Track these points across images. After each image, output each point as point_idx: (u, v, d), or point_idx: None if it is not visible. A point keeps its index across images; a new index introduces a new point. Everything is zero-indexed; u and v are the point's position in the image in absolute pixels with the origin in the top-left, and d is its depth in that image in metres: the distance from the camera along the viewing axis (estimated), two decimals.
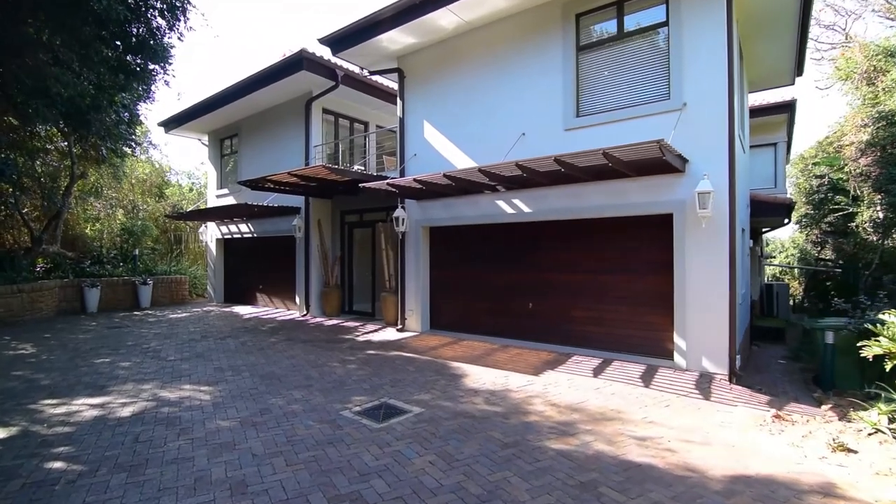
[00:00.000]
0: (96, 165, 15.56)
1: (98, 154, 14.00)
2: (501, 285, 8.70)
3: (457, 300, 9.38)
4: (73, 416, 4.85)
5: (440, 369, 6.77)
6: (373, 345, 8.52)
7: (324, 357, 7.56)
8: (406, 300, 9.83)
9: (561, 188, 7.65)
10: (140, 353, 7.94)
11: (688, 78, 6.59)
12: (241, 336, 9.49)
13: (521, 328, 8.38)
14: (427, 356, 7.57)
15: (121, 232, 16.74)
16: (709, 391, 5.71)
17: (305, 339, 9.15)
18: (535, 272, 8.29)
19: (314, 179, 9.56)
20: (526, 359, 7.29)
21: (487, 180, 7.54)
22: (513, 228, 8.53)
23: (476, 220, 8.76)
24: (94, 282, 13.35)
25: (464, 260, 9.29)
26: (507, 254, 8.66)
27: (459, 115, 9.01)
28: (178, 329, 10.40)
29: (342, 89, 11.71)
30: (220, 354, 7.82)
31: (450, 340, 8.78)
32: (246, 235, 14.37)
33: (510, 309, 8.56)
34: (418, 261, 9.65)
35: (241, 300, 15.18)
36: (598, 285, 7.57)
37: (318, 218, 12.17)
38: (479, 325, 8.97)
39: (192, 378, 6.36)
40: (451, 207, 9.09)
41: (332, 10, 46.85)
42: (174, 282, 15.58)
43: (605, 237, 7.53)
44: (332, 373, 6.61)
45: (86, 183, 16.40)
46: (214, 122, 14.88)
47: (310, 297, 12.12)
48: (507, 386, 5.94)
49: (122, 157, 15.10)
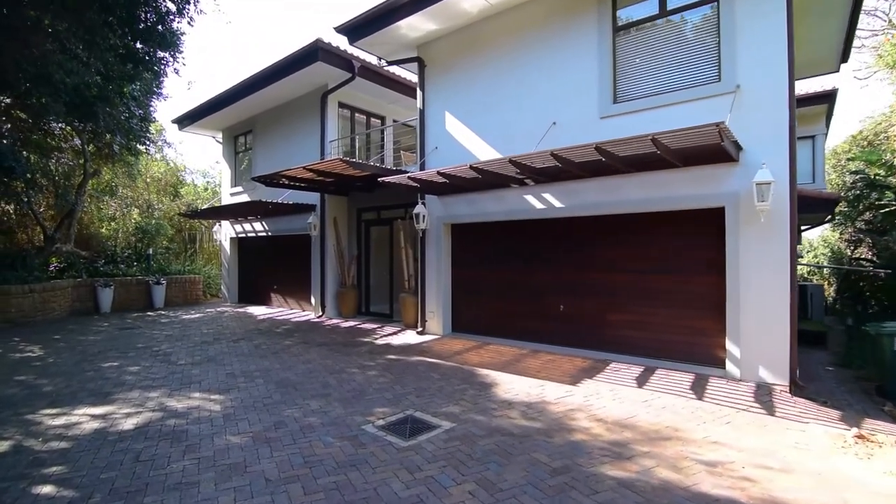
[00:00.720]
0: (110, 163, 15.42)
1: (111, 151, 13.81)
2: (530, 286, 8.14)
3: (481, 302, 8.84)
4: (72, 429, 4.43)
5: (467, 377, 6.24)
6: (393, 349, 8.03)
7: (341, 362, 7.09)
8: (426, 301, 9.32)
9: (597, 181, 7.06)
10: (150, 356, 7.56)
11: (742, 57, 5.97)
12: (254, 338, 9.08)
13: (552, 332, 7.81)
14: (452, 362, 7.05)
15: (135, 231, 16.53)
16: (771, 405, 5.09)
17: (322, 341, 8.70)
18: (567, 272, 7.71)
19: (330, 174, 9.10)
20: (560, 366, 6.73)
21: (516, 172, 7.00)
22: (543, 225, 7.96)
23: (502, 217, 8.21)
24: (108, 281, 13.10)
25: (489, 259, 8.75)
26: (536, 252, 8.09)
27: (483, 106, 8.48)
28: (191, 330, 10.04)
29: (358, 82, 11.26)
30: (232, 358, 7.40)
31: (474, 344, 8.25)
32: (260, 234, 14.01)
33: (540, 311, 8.00)
34: (439, 260, 9.14)
35: (256, 300, 14.83)
36: (637, 286, 6.97)
37: (333, 216, 11.74)
38: (506, 329, 8.42)
39: (202, 385, 5.93)
40: (475, 203, 8.56)
41: (331, 9, 46.60)
42: (188, 282, 15.30)
43: (645, 234, 6.92)
44: (351, 380, 6.13)
45: (100, 181, 16.26)
46: (228, 118, 14.56)
47: (325, 297, 11.69)
48: (543, 397, 5.39)
49: (136, 155, 14.90)
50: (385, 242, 11.44)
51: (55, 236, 12.44)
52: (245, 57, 50.25)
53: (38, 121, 11.72)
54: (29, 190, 11.95)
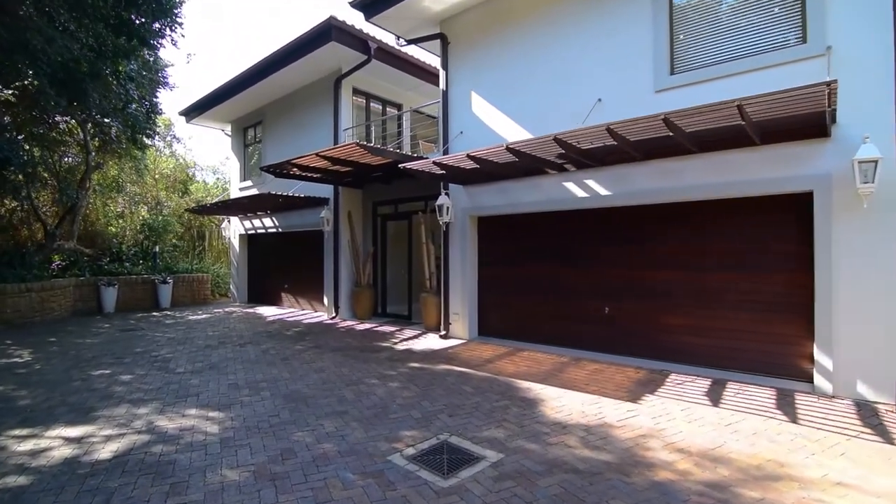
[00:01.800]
0: (116, 158, 14.83)
1: (116, 145, 13.20)
2: (568, 285, 7.24)
3: (511, 302, 7.95)
4: (38, 458, 3.65)
5: (505, 390, 5.36)
6: (415, 355, 7.18)
7: (359, 371, 6.26)
8: (450, 302, 8.46)
9: (651, 164, 6.14)
10: (147, 362, 6.81)
11: (834, 13, 5.01)
12: (262, 342, 8.30)
13: (595, 337, 6.90)
14: (484, 371, 6.18)
15: (141, 228, 15.93)
16: (884, 430, 4.14)
17: (336, 346, 7.89)
18: (612, 269, 6.80)
19: (346, 162, 8.29)
20: (610, 377, 5.82)
21: (556, 156, 6.12)
22: (585, 216, 7.05)
23: (537, 207, 7.32)
24: (112, 280, 12.47)
25: (521, 254, 7.86)
26: (576, 247, 7.19)
27: (515, 84, 7.59)
28: (195, 333, 9.31)
29: (374, 66, 10.45)
30: (237, 366, 6.62)
31: (505, 351, 7.37)
32: (270, 230, 13.28)
33: (580, 313, 7.09)
34: (465, 256, 8.27)
35: (266, 300, 14.11)
36: (698, 285, 6.03)
37: (348, 210, 10.94)
38: (540, 333, 7.53)
39: (200, 399, 5.14)
40: (507, 192, 7.67)
41: None
42: (196, 281, 14.64)
43: (710, 225, 5.99)
44: (370, 393, 5.29)
45: (106, 177, 15.69)
46: (237, 109, 13.86)
47: (339, 297, 10.90)
48: (602, 417, 4.50)
49: (142, 149, 14.27)
50: (403, 238, 10.61)
51: (56, 233, 11.83)
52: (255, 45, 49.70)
53: (42, 113, 11.16)
54: (29, 184, 11.33)
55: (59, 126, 12.49)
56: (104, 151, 14.06)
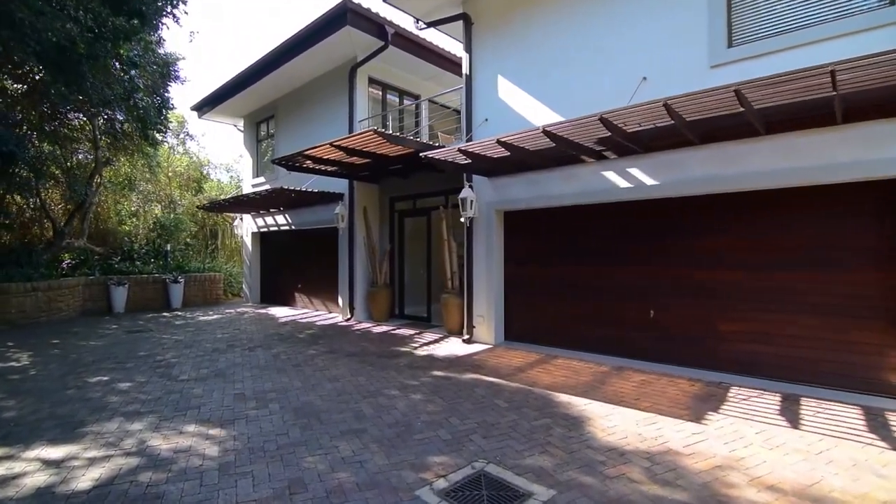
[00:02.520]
0: (128, 154, 14.51)
1: (121, 136, 12.85)
2: (608, 285, 6.55)
3: (542, 305, 7.30)
4: (7, 487, 3.12)
5: (544, 405, 4.71)
6: (438, 362, 6.57)
7: (377, 380, 5.67)
8: (474, 304, 7.83)
9: (708, 149, 5.43)
10: (149, 368, 6.31)
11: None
12: (274, 346, 7.77)
13: (639, 344, 6.21)
14: (516, 382, 5.54)
15: (153, 226, 15.61)
16: None
17: (351, 351, 7.31)
18: (658, 268, 6.10)
19: (361, 153, 7.71)
20: (662, 391, 5.13)
21: (596, 142, 5.45)
22: (627, 209, 6.37)
23: (572, 200, 6.64)
24: (122, 279, 12.11)
25: (553, 252, 7.19)
26: (617, 243, 6.50)
27: (546, 65, 6.93)
28: (204, 335, 8.83)
29: (391, 53, 9.87)
30: (245, 372, 6.08)
31: (537, 358, 6.71)
32: (283, 228, 12.79)
33: (620, 318, 6.41)
34: (490, 254, 7.63)
35: (279, 300, 13.65)
36: (762, 286, 5.31)
37: (363, 205, 10.38)
38: (574, 338, 6.86)
39: (201, 412, 4.59)
40: (537, 184, 7.02)
41: None
42: (208, 280, 14.24)
43: (776, 217, 5.26)
44: (391, 407, 4.69)
45: (118, 174, 15.40)
46: (249, 103, 13.42)
47: (354, 298, 10.34)
48: (664, 441, 3.82)
49: (154, 145, 13.90)
50: (422, 235, 10.01)
51: (65, 231, 11.49)
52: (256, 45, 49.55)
53: (53, 109, 10.86)
54: (38, 180, 11.00)
55: (71, 122, 12.20)
56: (115, 148, 13.75)
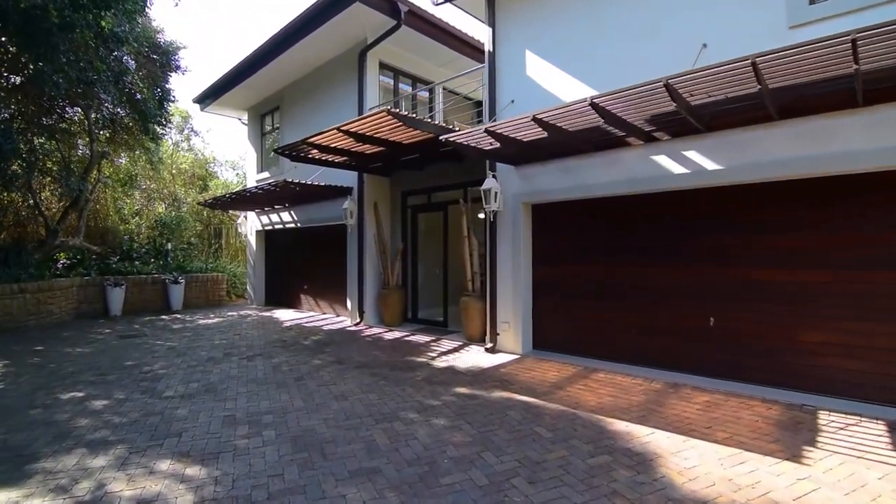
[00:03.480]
0: (128, 150, 13.87)
1: (121, 129, 12.22)
2: (657, 287, 5.68)
3: (577, 309, 6.44)
4: None
5: (597, 435, 3.86)
6: (460, 376, 5.73)
7: (391, 398, 4.85)
8: (498, 308, 6.99)
9: (787, 125, 4.54)
10: (132, 381, 5.55)
11: None
12: (275, 354, 6.99)
13: (696, 356, 5.33)
14: (556, 402, 4.69)
15: (153, 224, 14.95)
16: None
17: (361, 361, 6.51)
18: (719, 267, 5.22)
19: (373, 140, 6.91)
20: (735, 415, 4.24)
21: (646, 120, 4.59)
22: (681, 199, 5.49)
23: (614, 189, 5.78)
24: (118, 280, 11.42)
25: (590, 249, 6.33)
26: (668, 239, 5.63)
27: (583, 37, 6.08)
28: (201, 341, 8.08)
29: (404, 35, 9.06)
30: (239, 388, 5.29)
31: (573, 371, 5.85)
32: (289, 226, 12.04)
33: (674, 325, 5.53)
34: (517, 252, 6.79)
35: (284, 303, 12.90)
36: (854, 289, 4.41)
37: (374, 200, 9.58)
38: (616, 349, 5.99)
39: (181, 442, 3.80)
40: (572, 172, 6.16)
41: None
42: (210, 281, 13.54)
43: (873, 206, 4.36)
44: (409, 436, 3.87)
45: (118, 170, 14.78)
46: (253, 94, 12.70)
47: (364, 300, 9.55)
48: (765, 491, 2.95)
49: (155, 140, 13.22)
50: (437, 232, 9.18)
51: (58, 228, 10.83)
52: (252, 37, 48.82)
53: (50, 103, 10.24)
54: (30, 174, 10.34)
55: (71, 117, 11.58)
56: (115, 142, 13.13)
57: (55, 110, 11.00)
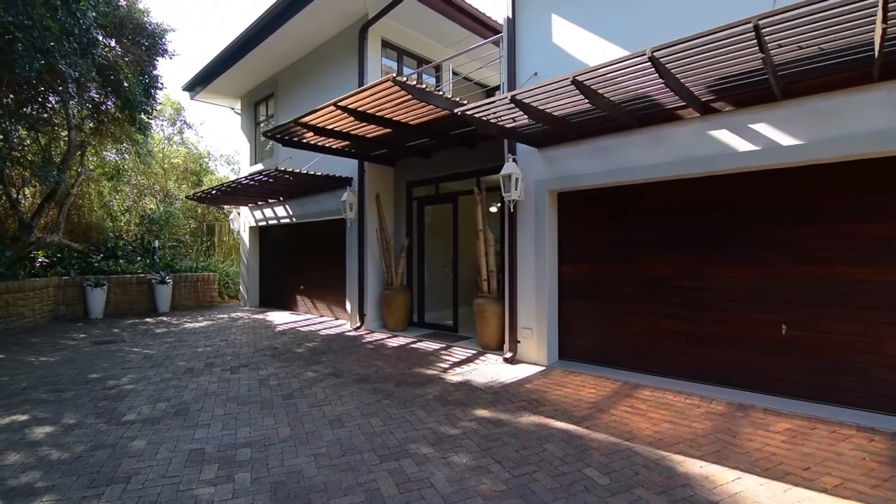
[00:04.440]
0: (115, 141, 13.00)
1: (106, 119, 11.38)
2: (712, 289, 4.80)
3: (612, 314, 5.56)
4: None
5: (667, 482, 2.98)
6: (479, 393, 4.85)
7: (399, 424, 3.98)
8: (518, 312, 6.11)
9: (885, 88, 3.65)
10: (91, 400, 4.69)
11: None
12: (263, 365, 6.12)
13: (764, 372, 4.45)
14: (601, 431, 3.81)
15: (140, 220, 14.09)
16: None
17: (362, 374, 5.64)
18: (795, 264, 4.33)
19: (375, 119, 6.04)
20: (831, 449, 3.35)
21: (704, 89, 3.71)
22: (745, 182, 4.61)
23: (660, 173, 4.89)
24: (99, 280, 10.56)
25: (628, 243, 5.45)
26: (726, 231, 4.74)
27: None
28: (183, 348, 7.22)
29: (409, 9, 8.20)
30: (216, 409, 4.43)
31: (613, 386, 4.96)
32: (284, 221, 11.18)
33: (733, 333, 4.65)
34: (541, 248, 5.91)
35: (279, 304, 12.04)
36: None
37: (376, 192, 8.71)
38: (661, 360, 5.11)
39: (127, 490, 2.93)
40: (608, 153, 5.27)
41: None
42: (200, 281, 12.67)
43: None
44: (424, 482, 2.99)
45: (104, 163, 13.90)
46: (246, 80, 11.84)
47: (365, 302, 8.68)
48: None
49: (142, 130, 12.34)
50: (446, 226, 8.30)
51: (32, 224, 9.96)
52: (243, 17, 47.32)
53: (31, 90, 9.43)
54: (1, 164, 9.48)
55: (52, 107, 10.74)
56: (100, 134, 12.28)
57: (37, 100, 10.21)
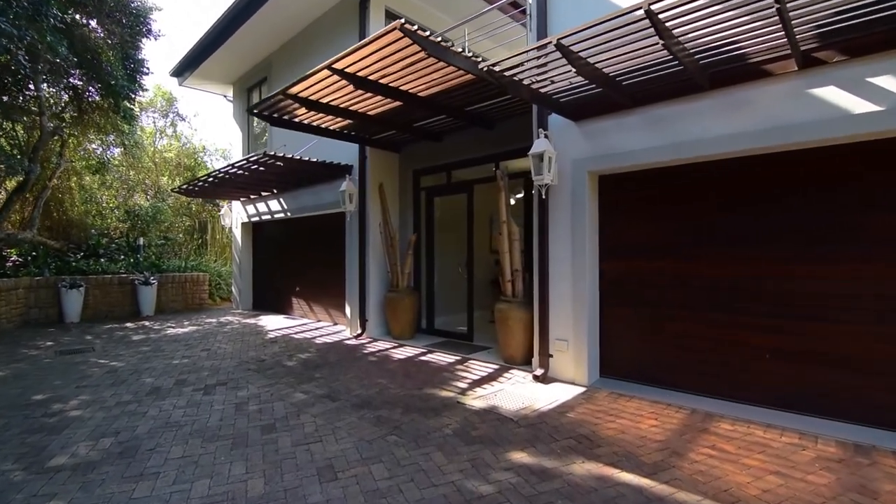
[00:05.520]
0: (100, 132, 12.05)
1: (88, 107, 10.47)
2: (808, 293, 3.76)
3: (669, 322, 4.52)
4: None
5: None
6: (510, 426, 3.83)
7: (409, 476, 2.96)
8: (551, 320, 5.08)
9: None
10: (21, 433, 3.70)
11: None
12: (244, 383, 5.12)
13: (881, 399, 3.41)
14: (684, 488, 2.78)
15: (125, 216, 13.11)
16: None
17: (362, 396, 4.62)
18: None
19: (377, 88, 5.02)
20: None
21: (813, 29, 2.68)
22: (854, 156, 3.56)
23: (738, 146, 3.84)
24: (75, 281, 9.59)
25: (691, 236, 4.41)
26: (830, 218, 3.69)
27: None
28: (155, 360, 6.23)
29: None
30: (175, 446, 3.42)
31: (679, 416, 3.92)
32: (278, 216, 10.18)
33: (838, 348, 3.61)
34: (579, 242, 4.88)
35: (274, 307, 11.05)
36: None
37: (379, 181, 7.70)
38: (738, 382, 4.08)
39: None
40: (668, 124, 4.23)
41: None
42: (189, 281, 11.69)
43: None
44: None
45: (88, 154, 12.95)
46: (238, 61, 10.84)
47: (367, 306, 7.66)
48: None
49: (129, 120, 11.39)
50: (459, 220, 7.29)
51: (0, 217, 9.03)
52: None
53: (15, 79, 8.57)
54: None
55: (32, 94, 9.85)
56: (82, 123, 11.35)
57: (16, 87, 9.34)
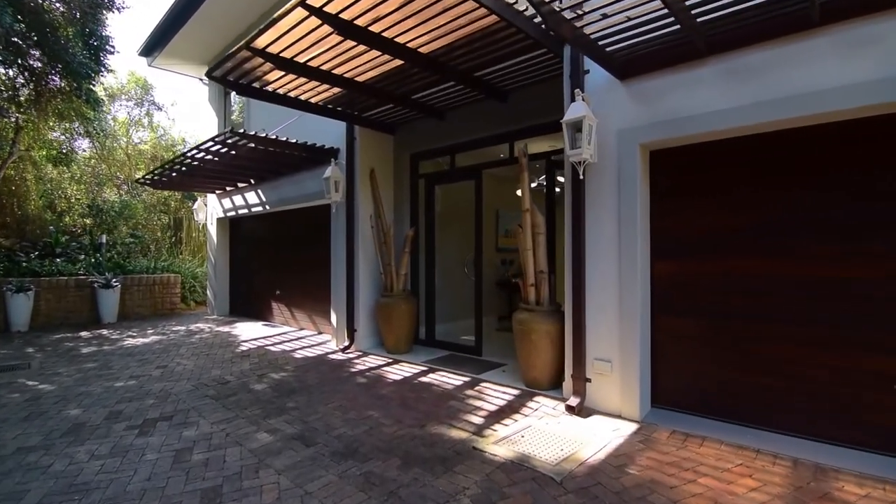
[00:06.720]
0: (61, 119, 10.82)
1: (48, 91, 9.32)
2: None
3: (746, 338, 3.46)
4: None
5: None
6: (551, 490, 2.74)
7: None
8: (588, 333, 3.99)
9: None
10: None
11: None
12: (195, 417, 3.99)
13: None
14: None
15: (88, 212, 11.87)
16: None
17: (346, 438, 3.51)
18: None
19: (368, 39, 3.91)
20: None
21: None
22: None
23: (859, 101, 2.78)
24: (23, 283, 8.38)
25: (781, 224, 3.34)
26: None
27: None
28: (96, 383, 5.07)
29: None
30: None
31: (779, 470, 2.85)
32: (256, 210, 9.03)
33: None
34: (628, 234, 3.80)
35: (252, 312, 9.88)
36: None
37: (370, 166, 6.58)
38: (854, 420, 3.02)
39: None
40: (756, 75, 3.16)
41: None
42: (159, 284, 10.50)
43: None
44: None
45: (49, 143, 11.70)
46: (211, 37, 9.66)
47: (356, 313, 6.54)
48: None
49: (93, 105, 10.19)
50: (465, 212, 6.20)
51: None
52: None
53: None
54: None
55: None
56: (40, 108, 10.14)
57: None
